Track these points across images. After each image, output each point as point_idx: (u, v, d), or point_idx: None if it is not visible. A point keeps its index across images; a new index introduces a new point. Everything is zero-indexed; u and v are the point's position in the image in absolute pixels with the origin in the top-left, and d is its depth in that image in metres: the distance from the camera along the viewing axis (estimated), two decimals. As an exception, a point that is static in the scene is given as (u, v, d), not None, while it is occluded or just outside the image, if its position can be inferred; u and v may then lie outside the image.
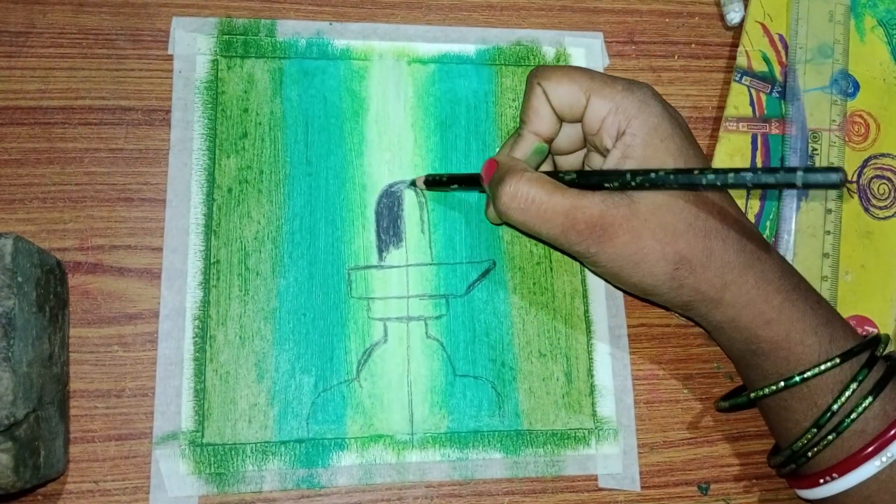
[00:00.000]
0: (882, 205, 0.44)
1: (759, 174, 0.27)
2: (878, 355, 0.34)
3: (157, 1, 0.41)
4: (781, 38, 0.45)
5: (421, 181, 0.40)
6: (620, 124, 0.34)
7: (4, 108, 0.39)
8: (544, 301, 0.40)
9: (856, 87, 0.45)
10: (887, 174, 0.44)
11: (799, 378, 0.34)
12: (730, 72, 0.45)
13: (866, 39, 0.46)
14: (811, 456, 0.34)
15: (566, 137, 0.37)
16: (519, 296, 0.40)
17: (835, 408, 0.33)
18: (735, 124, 0.44)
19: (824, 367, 0.34)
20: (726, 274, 0.34)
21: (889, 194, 0.44)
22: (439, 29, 0.43)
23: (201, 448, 0.36)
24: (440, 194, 0.41)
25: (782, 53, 0.45)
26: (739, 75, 0.44)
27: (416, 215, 0.40)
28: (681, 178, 0.30)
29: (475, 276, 0.40)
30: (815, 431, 0.34)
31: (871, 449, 0.33)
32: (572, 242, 0.34)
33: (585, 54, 0.44)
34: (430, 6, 0.44)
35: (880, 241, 0.43)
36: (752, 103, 0.44)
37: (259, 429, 0.37)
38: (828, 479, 0.34)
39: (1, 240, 0.31)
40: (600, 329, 0.40)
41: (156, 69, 0.40)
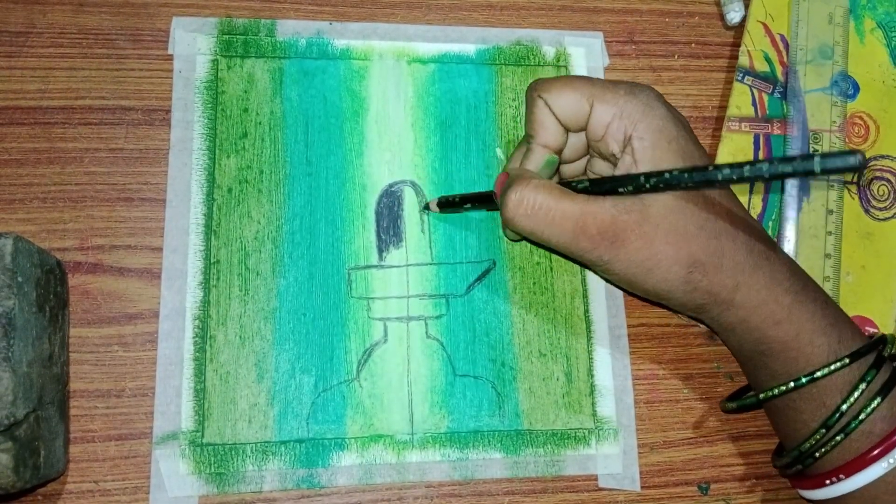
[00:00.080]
0: (882, 206, 0.44)
1: (775, 164, 0.26)
2: (886, 356, 0.34)
3: (157, 1, 0.41)
4: (783, 37, 0.45)
5: (434, 204, 0.40)
6: (626, 129, 0.34)
7: (4, 108, 0.39)
8: (544, 301, 0.40)
9: (856, 88, 0.45)
10: (887, 175, 0.44)
11: (808, 378, 0.34)
12: (730, 71, 0.45)
13: (866, 41, 0.46)
14: (818, 456, 0.34)
15: (569, 145, 0.37)
16: (519, 296, 0.40)
17: (844, 408, 0.33)
18: (737, 124, 0.44)
19: (834, 367, 0.33)
20: (738, 275, 0.34)
21: (889, 195, 0.44)
22: (439, 29, 0.43)
23: (201, 448, 0.36)
24: (440, 194, 0.41)
25: (784, 53, 0.45)
26: (741, 75, 0.44)
27: (417, 215, 0.40)
28: (696, 175, 0.29)
29: (475, 276, 0.40)
30: (824, 432, 0.34)
31: (878, 450, 0.33)
32: (584, 249, 0.34)
33: (585, 54, 0.44)
34: (430, 6, 0.44)
35: (880, 242, 0.43)
36: (754, 103, 0.44)
37: (259, 429, 0.37)
38: (834, 479, 0.34)
39: (1, 240, 0.31)
40: (600, 329, 0.40)
41: (156, 69, 0.40)
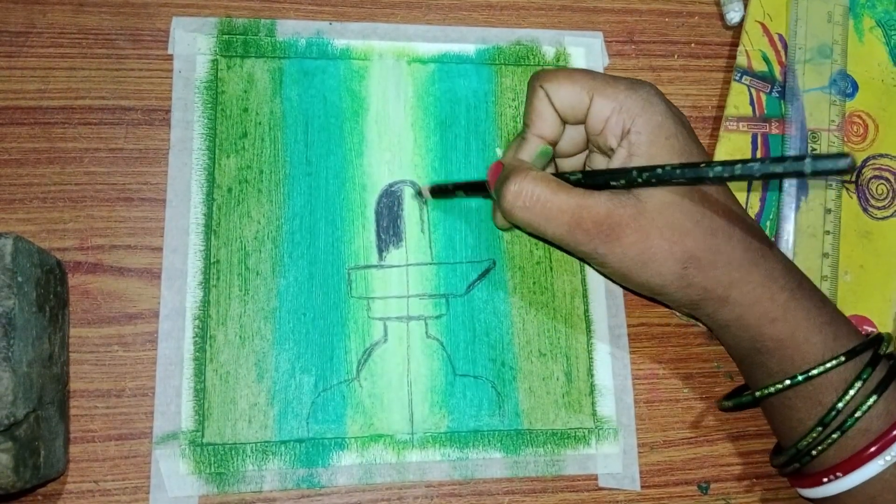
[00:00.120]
0: (881, 205, 0.44)
1: (766, 164, 0.26)
2: (882, 354, 0.34)
3: (157, 1, 0.41)
4: (781, 37, 0.45)
5: (426, 190, 0.40)
6: (625, 123, 0.34)
7: (4, 108, 0.39)
8: (544, 301, 0.40)
9: (854, 87, 0.45)
10: (886, 174, 0.44)
11: (804, 376, 0.34)
12: (729, 71, 0.45)
13: (865, 40, 0.46)
14: (815, 455, 0.34)
15: (568, 139, 0.37)
16: (519, 295, 0.40)
17: (840, 406, 0.33)
18: (735, 124, 0.44)
19: (830, 365, 0.33)
20: (733, 272, 0.34)
21: (887, 194, 0.44)
22: (439, 29, 0.43)
23: (201, 448, 0.36)
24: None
25: (782, 53, 0.45)
26: (739, 75, 0.44)
27: (416, 215, 0.40)
28: (687, 172, 0.30)
29: (475, 276, 0.40)
30: (820, 430, 0.34)
31: (875, 448, 0.33)
32: (579, 242, 0.34)
33: (585, 54, 0.44)
34: (430, 6, 0.44)
35: (879, 241, 0.43)
36: (752, 103, 0.44)
37: (259, 428, 0.37)
38: (831, 477, 0.34)
39: (1, 240, 0.31)
40: (600, 328, 0.40)
41: (156, 69, 0.40)
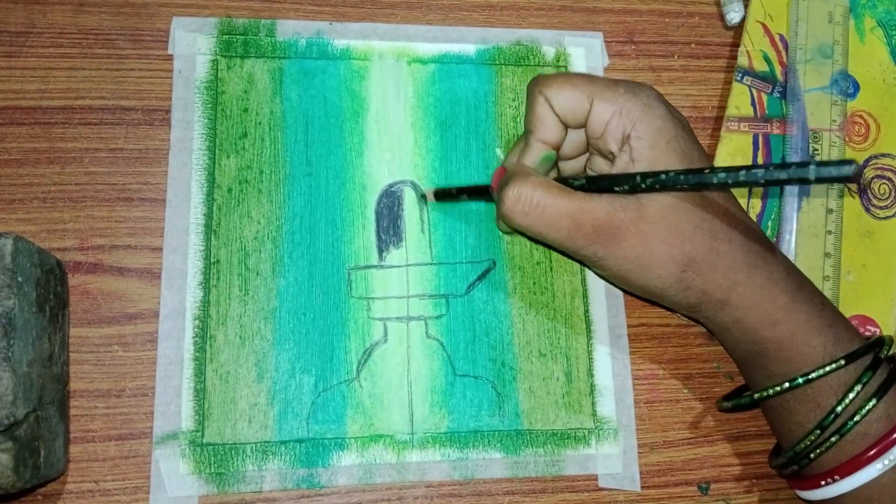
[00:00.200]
0: (883, 205, 0.44)
1: (770, 170, 0.26)
2: (882, 357, 0.34)
3: (157, 1, 0.41)
4: (782, 37, 0.45)
5: (430, 194, 0.40)
6: (625, 127, 0.34)
7: (4, 108, 0.39)
8: (544, 301, 0.40)
9: (856, 87, 0.45)
10: (888, 174, 0.44)
11: (803, 379, 0.34)
12: (730, 72, 0.45)
13: (866, 40, 0.46)
14: (814, 457, 0.34)
15: (569, 142, 0.37)
16: (519, 296, 0.40)
17: (839, 409, 0.33)
18: (736, 124, 0.44)
19: (829, 368, 0.33)
20: (733, 275, 0.34)
21: (889, 194, 0.44)
22: (439, 29, 0.43)
23: (201, 448, 0.36)
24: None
25: (783, 53, 0.45)
26: (741, 75, 0.44)
27: (416, 215, 0.40)
28: (691, 178, 0.29)
29: (475, 276, 0.40)
30: (819, 433, 0.34)
31: (873, 452, 0.33)
32: (579, 246, 0.34)
33: (585, 54, 0.44)
34: (430, 6, 0.44)
35: (881, 240, 0.43)
36: (753, 103, 0.44)
37: (259, 429, 0.37)
38: (829, 480, 0.34)
39: (1, 240, 0.31)
40: (600, 329, 0.40)
41: (156, 69, 0.40)
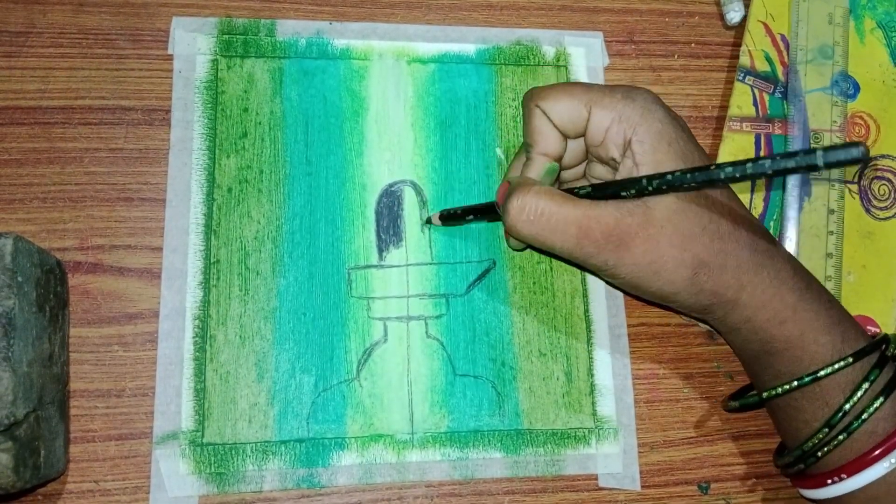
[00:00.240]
0: (883, 205, 0.44)
1: (777, 160, 0.26)
2: (889, 355, 0.34)
3: (157, 1, 0.41)
4: (783, 37, 0.45)
5: (436, 217, 0.40)
6: (625, 133, 0.34)
7: (4, 108, 0.39)
8: (544, 301, 0.40)
9: (856, 88, 0.45)
10: (888, 175, 0.44)
11: (812, 377, 0.34)
12: (730, 71, 0.45)
13: (866, 41, 0.46)
14: (821, 456, 0.34)
15: (567, 151, 0.37)
16: (519, 295, 0.40)
17: (847, 407, 0.33)
18: (738, 124, 0.44)
19: (838, 366, 0.33)
20: (742, 275, 0.34)
21: (889, 195, 0.44)
22: (439, 28, 0.43)
23: (201, 448, 0.36)
24: (440, 194, 0.41)
25: (784, 54, 0.45)
26: (742, 75, 0.44)
27: (416, 215, 0.40)
28: (698, 175, 0.29)
29: (475, 276, 0.40)
30: (827, 431, 0.34)
31: (880, 450, 0.33)
32: (588, 254, 0.33)
33: (585, 54, 0.44)
34: (430, 6, 0.44)
35: (881, 241, 0.43)
36: (755, 103, 0.44)
37: (259, 428, 0.37)
38: (836, 479, 0.34)
39: (1, 240, 0.31)
40: (600, 328, 0.40)
41: (156, 69, 0.40)
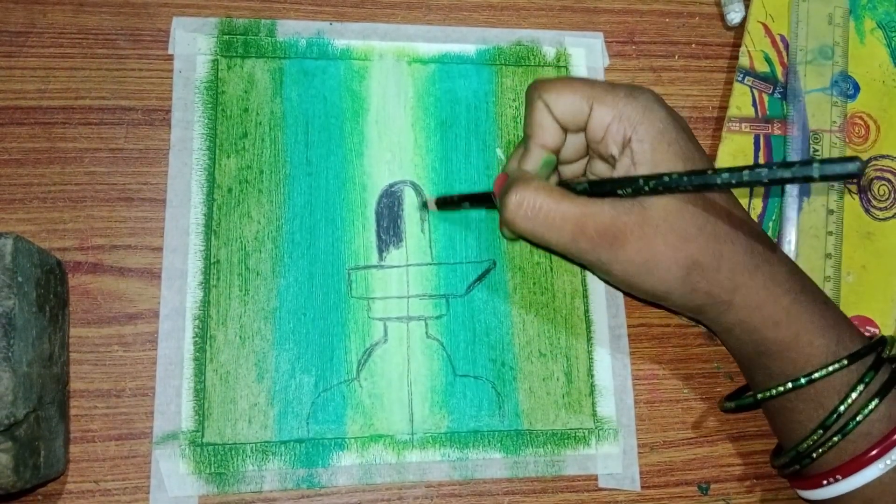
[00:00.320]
0: (882, 206, 0.44)
1: (774, 170, 0.26)
2: (884, 357, 0.34)
3: (157, 1, 0.41)
4: (783, 38, 0.45)
5: (432, 203, 0.40)
6: (626, 131, 0.34)
7: (4, 108, 0.39)
8: (544, 301, 0.40)
9: (856, 88, 0.45)
10: (887, 175, 0.44)
11: (806, 379, 0.34)
12: (730, 72, 0.45)
13: (866, 42, 0.46)
14: (816, 457, 0.34)
15: (569, 146, 0.37)
16: (519, 296, 0.40)
17: (841, 409, 0.33)
18: (738, 125, 0.44)
19: (832, 368, 0.33)
20: (736, 276, 0.34)
21: (889, 195, 0.44)
22: (439, 29, 0.43)
23: (201, 448, 0.36)
24: (440, 194, 0.41)
25: (784, 54, 0.45)
26: (742, 75, 0.44)
27: (417, 215, 0.40)
28: (695, 179, 0.29)
29: (475, 276, 0.40)
30: (821, 433, 0.34)
31: (875, 451, 0.33)
32: (583, 251, 0.34)
33: (585, 54, 0.44)
34: (430, 6, 0.44)
35: (881, 241, 0.43)
36: (754, 104, 0.44)
37: (259, 429, 0.37)
38: (831, 480, 0.34)
39: (1, 240, 0.31)
40: (600, 329, 0.40)
41: (156, 69, 0.40)
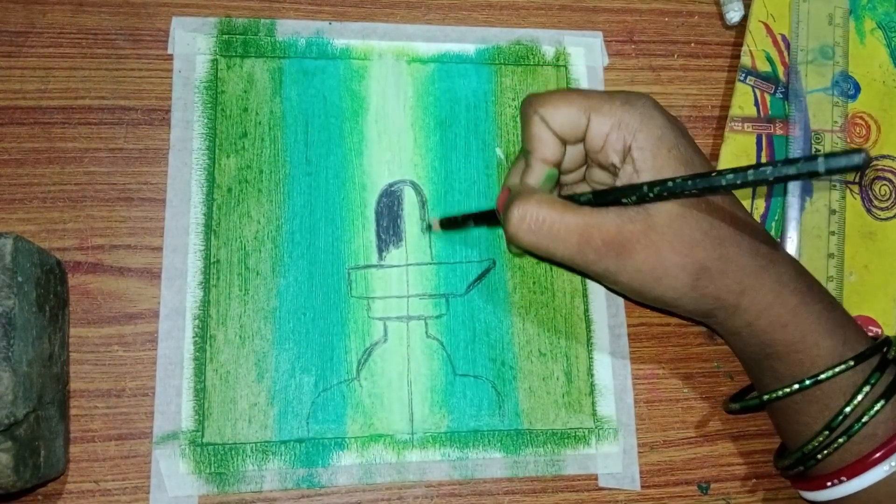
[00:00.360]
0: (884, 206, 0.44)
1: (779, 167, 0.26)
2: (889, 358, 0.34)
3: (157, 1, 0.41)
4: (784, 38, 0.45)
5: (436, 224, 0.40)
6: (625, 139, 0.34)
7: (4, 108, 0.39)
8: (544, 301, 0.40)
9: (856, 88, 0.45)
10: (888, 175, 0.44)
11: (812, 380, 0.34)
12: (730, 71, 0.45)
13: (866, 42, 0.46)
14: (821, 458, 0.34)
15: (567, 156, 0.37)
16: (519, 295, 0.40)
17: (847, 410, 0.33)
18: (740, 124, 0.44)
19: (838, 369, 0.33)
20: (744, 279, 0.34)
21: (890, 195, 0.44)
22: (439, 28, 0.43)
23: (201, 448, 0.36)
24: (440, 193, 0.41)
25: (785, 54, 0.45)
26: (744, 75, 0.44)
27: (416, 215, 0.40)
28: (699, 182, 0.29)
29: (475, 276, 0.40)
30: (827, 434, 0.34)
31: (880, 453, 0.33)
32: (590, 262, 0.33)
33: (585, 54, 0.44)
34: (430, 6, 0.44)
35: (882, 241, 0.43)
36: (756, 103, 0.44)
37: (259, 428, 0.37)
38: (836, 482, 0.34)
39: (1, 240, 0.31)
40: (600, 328, 0.40)
41: (156, 69, 0.40)
